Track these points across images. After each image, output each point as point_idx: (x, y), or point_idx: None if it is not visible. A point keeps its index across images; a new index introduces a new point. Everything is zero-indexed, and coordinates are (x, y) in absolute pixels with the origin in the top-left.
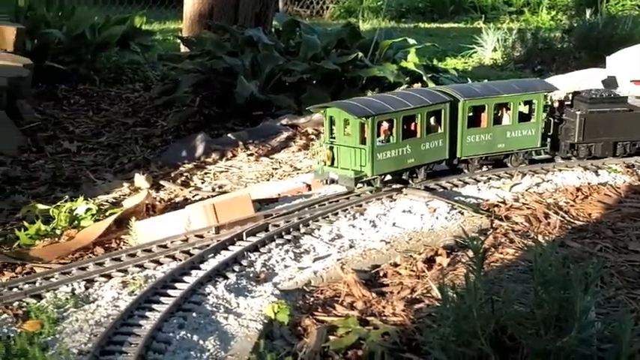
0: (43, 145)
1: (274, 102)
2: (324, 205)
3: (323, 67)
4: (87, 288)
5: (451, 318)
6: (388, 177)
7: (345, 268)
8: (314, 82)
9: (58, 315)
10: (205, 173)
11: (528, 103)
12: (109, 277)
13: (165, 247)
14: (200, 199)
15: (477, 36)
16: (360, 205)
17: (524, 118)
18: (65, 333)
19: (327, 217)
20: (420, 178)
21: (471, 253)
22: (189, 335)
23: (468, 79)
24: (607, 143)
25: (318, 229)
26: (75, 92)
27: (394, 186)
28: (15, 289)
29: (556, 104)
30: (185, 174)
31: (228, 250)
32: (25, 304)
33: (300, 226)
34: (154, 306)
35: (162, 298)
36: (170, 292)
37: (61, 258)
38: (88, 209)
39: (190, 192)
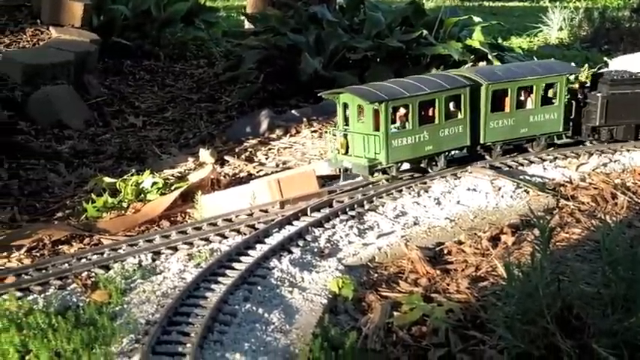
0: (109, 120)
1: (338, 79)
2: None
3: (387, 45)
4: (154, 260)
5: (516, 296)
6: (405, 165)
7: (409, 244)
8: (378, 59)
9: (125, 286)
10: (269, 149)
11: (550, 85)
12: (175, 249)
13: (230, 221)
14: (264, 175)
15: (543, 15)
16: (425, 183)
17: (546, 101)
18: (133, 303)
19: (391, 193)
20: (440, 166)
21: (536, 232)
22: (254, 308)
23: (534, 58)
24: (629, 126)
25: (382, 206)
26: (140, 68)
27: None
28: (84, 260)
29: (576, 86)
30: (249, 149)
31: (292, 225)
32: (93, 274)
33: (365, 202)
34: (220, 279)
35: (227, 271)
36: (235, 265)
37: (127, 230)
38: (154, 183)
39: (254, 167)
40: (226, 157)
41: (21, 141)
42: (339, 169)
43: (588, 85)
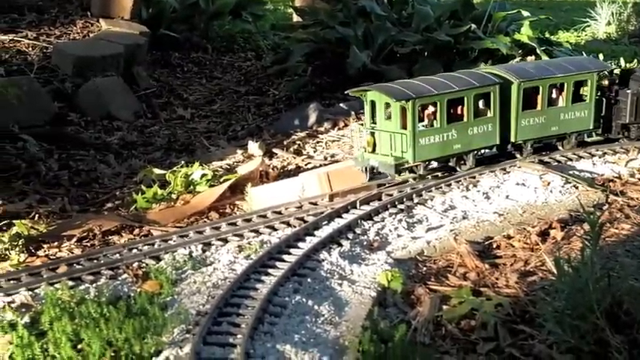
0: (157, 112)
1: (386, 73)
2: (437, 175)
3: (435, 39)
4: (204, 251)
5: (566, 291)
6: (433, 164)
7: (458, 238)
8: (426, 53)
9: (176, 276)
10: (317, 142)
11: (581, 83)
12: (226, 241)
13: (279, 213)
14: (312, 168)
15: (591, 9)
16: (474, 177)
17: (577, 98)
18: (183, 294)
19: (440, 187)
20: (469, 165)
21: (586, 227)
22: (304, 300)
23: (583, 53)
24: None
25: (431, 200)
26: (188, 60)
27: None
28: (135, 251)
29: (605, 82)
30: (297, 142)
31: (342, 217)
32: (144, 264)
33: (414, 196)
34: (270, 270)
35: (277, 263)
36: (285, 257)
37: (176, 221)
38: (204, 175)
39: (303, 160)
40: (274, 150)
41: (71, 132)
42: (365, 168)
43: (617, 82)
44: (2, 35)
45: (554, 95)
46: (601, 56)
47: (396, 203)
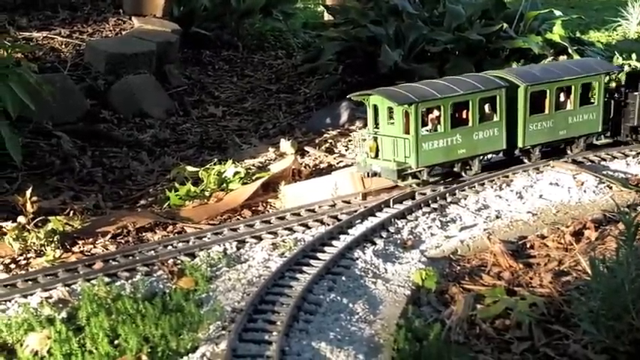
0: (189, 109)
1: (417, 71)
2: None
3: (467, 38)
4: (238, 248)
5: (601, 292)
6: (437, 169)
7: (491, 238)
8: (457, 52)
9: (211, 273)
10: (349, 140)
11: (589, 85)
12: (260, 238)
13: (313, 211)
14: (345, 166)
15: (622, 8)
16: (507, 176)
17: (585, 101)
18: (219, 291)
19: (474, 186)
20: (474, 170)
21: (620, 227)
22: (338, 298)
23: (615, 53)
24: None
25: (465, 199)
26: (219, 58)
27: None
28: (169, 247)
29: (614, 84)
30: (329, 141)
31: (375, 216)
32: (179, 261)
33: (447, 195)
34: (304, 268)
35: (311, 261)
36: (319, 255)
37: (209, 219)
38: (236, 172)
39: (335, 158)
40: (306, 148)
41: (103, 129)
42: (368, 174)
43: (625, 84)
44: (36, 32)
45: (561, 98)
46: (634, 56)
47: (430, 202)
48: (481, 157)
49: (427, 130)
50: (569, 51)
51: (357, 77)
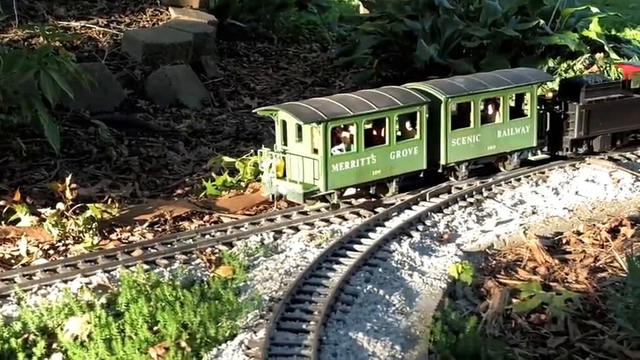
0: (225, 100)
1: (452, 67)
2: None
3: (503, 34)
4: (275, 239)
5: (638, 288)
6: (351, 190)
7: (527, 233)
8: (493, 48)
9: (248, 262)
10: None
11: (521, 96)
12: (297, 229)
13: (350, 204)
14: None
15: None
16: (543, 173)
17: (516, 114)
18: (256, 280)
19: (510, 182)
20: (391, 192)
21: None
22: (375, 289)
23: None
24: (605, 136)
25: (501, 194)
26: (254, 50)
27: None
28: (207, 236)
29: (549, 95)
30: None
31: (411, 209)
32: (217, 250)
33: (483, 189)
34: (341, 259)
35: (348, 252)
36: (356, 247)
37: (245, 209)
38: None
39: None
40: None
41: (140, 119)
42: (273, 196)
43: (560, 94)
44: (74, 22)
45: (489, 111)
46: None
47: (466, 196)
48: (398, 179)
49: (340, 150)
50: (606, 48)
51: (392, 71)
